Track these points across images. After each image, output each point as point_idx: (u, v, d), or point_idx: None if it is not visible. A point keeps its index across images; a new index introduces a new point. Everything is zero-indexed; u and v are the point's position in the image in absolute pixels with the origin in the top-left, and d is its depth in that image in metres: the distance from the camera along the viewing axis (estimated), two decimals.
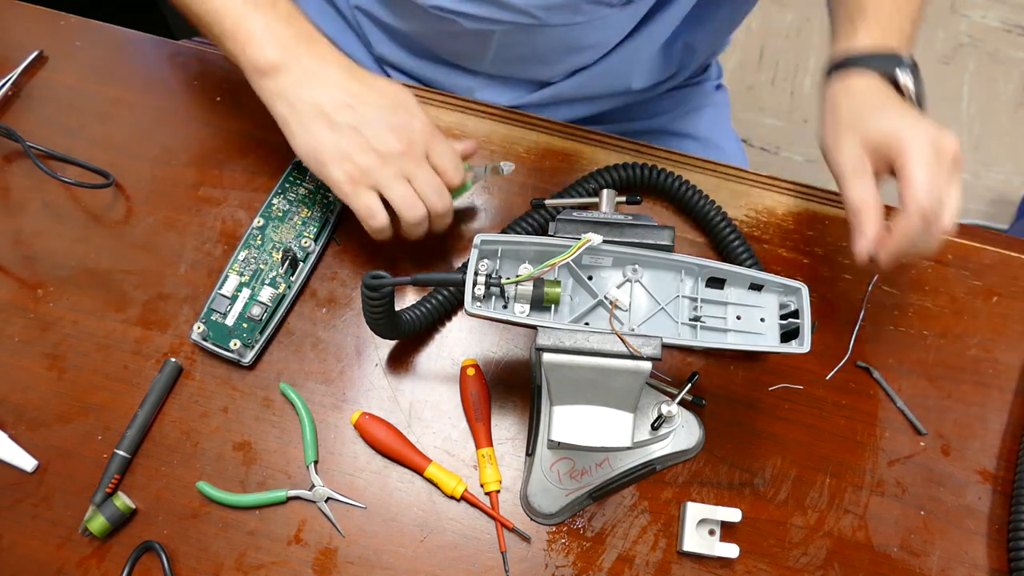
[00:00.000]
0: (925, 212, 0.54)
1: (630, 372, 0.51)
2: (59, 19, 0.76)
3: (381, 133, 0.58)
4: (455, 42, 0.76)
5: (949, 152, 0.55)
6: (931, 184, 0.54)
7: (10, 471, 0.61)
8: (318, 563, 0.59)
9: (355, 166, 0.58)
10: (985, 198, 1.66)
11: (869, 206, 0.56)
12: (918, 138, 0.54)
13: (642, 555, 0.60)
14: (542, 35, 0.72)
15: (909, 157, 0.54)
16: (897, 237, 0.55)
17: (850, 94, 0.59)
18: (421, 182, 0.59)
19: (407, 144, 0.59)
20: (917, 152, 0.54)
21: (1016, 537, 0.59)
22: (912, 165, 0.54)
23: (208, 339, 0.63)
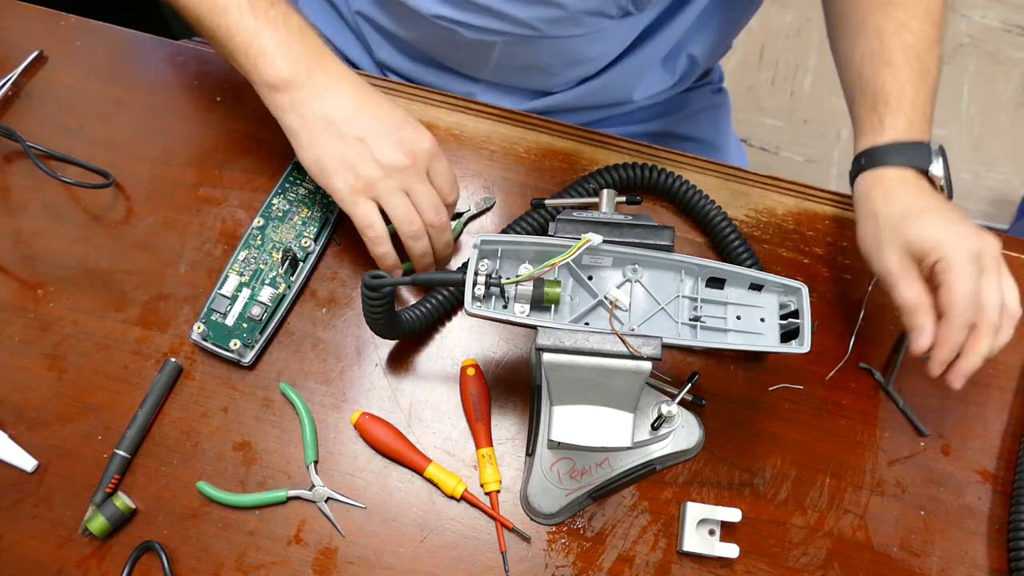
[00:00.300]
0: (967, 321, 0.55)
1: (630, 372, 0.51)
2: (59, 19, 0.76)
3: (386, 146, 0.59)
4: (456, 50, 0.76)
5: (989, 257, 0.56)
6: (970, 295, 0.54)
7: (10, 471, 0.61)
8: (318, 563, 0.59)
9: (357, 176, 0.59)
10: (985, 198, 1.67)
11: (924, 303, 0.56)
12: (958, 251, 0.55)
13: (642, 555, 0.60)
14: (543, 46, 0.72)
15: (950, 269, 0.55)
16: (942, 345, 0.56)
17: (888, 199, 0.59)
18: (420, 196, 0.60)
19: (411, 159, 0.59)
20: (957, 265, 0.55)
21: (1016, 537, 0.59)
22: (953, 278, 0.55)
23: (208, 339, 0.63)
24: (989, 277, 0.56)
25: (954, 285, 0.54)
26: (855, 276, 0.68)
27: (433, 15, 0.70)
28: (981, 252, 0.56)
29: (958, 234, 0.56)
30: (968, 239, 0.56)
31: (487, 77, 0.78)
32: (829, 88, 1.75)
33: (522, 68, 0.76)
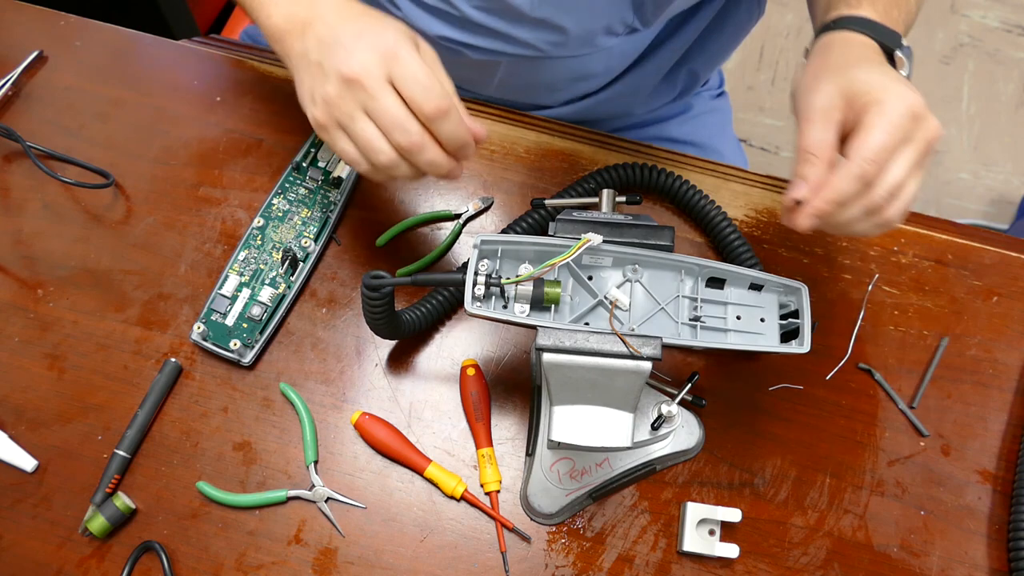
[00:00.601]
0: (866, 173, 0.48)
1: (630, 372, 0.51)
2: (59, 19, 0.76)
3: (338, 59, 0.50)
4: (460, 69, 0.75)
5: (926, 132, 0.49)
6: (885, 147, 0.48)
7: (10, 471, 0.61)
8: (318, 563, 0.59)
9: (320, 104, 0.52)
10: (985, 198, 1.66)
11: (823, 152, 0.49)
12: (900, 100, 0.48)
13: (642, 555, 0.60)
14: (547, 66, 0.72)
15: (877, 111, 0.48)
16: (827, 191, 0.48)
17: (846, 44, 0.54)
18: (380, 114, 0.50)
19: (360, 69, 0.49)
20: (891, 110, 0.48)
21: (1016, 537, 0.59)
22: (876, 119, 0.48)
23: (208, 339, 0.63)
24: (911, 150, 0.49)
25: (873, 129, 0.48)
26: (855, 276, 0.68)
27: (439, 36, 0.70)
28: (921, 120, 0.49)
29: (906, 92, 0.49)
30: (915, 101, 0.49)
31: (490, 94, 0.78)
32: None
33: (525, 86, 0.76)
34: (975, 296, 0.67)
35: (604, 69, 0.75)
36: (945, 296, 0.67)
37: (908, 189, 0.49)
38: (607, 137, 0.72)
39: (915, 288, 0.68)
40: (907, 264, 0.68)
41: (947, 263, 0.68)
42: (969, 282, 0.68)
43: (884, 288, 0.67)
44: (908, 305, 0.67)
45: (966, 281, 0.68)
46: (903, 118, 0.48)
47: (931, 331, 0.66)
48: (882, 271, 0.68)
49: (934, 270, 0.68)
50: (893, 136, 0.48)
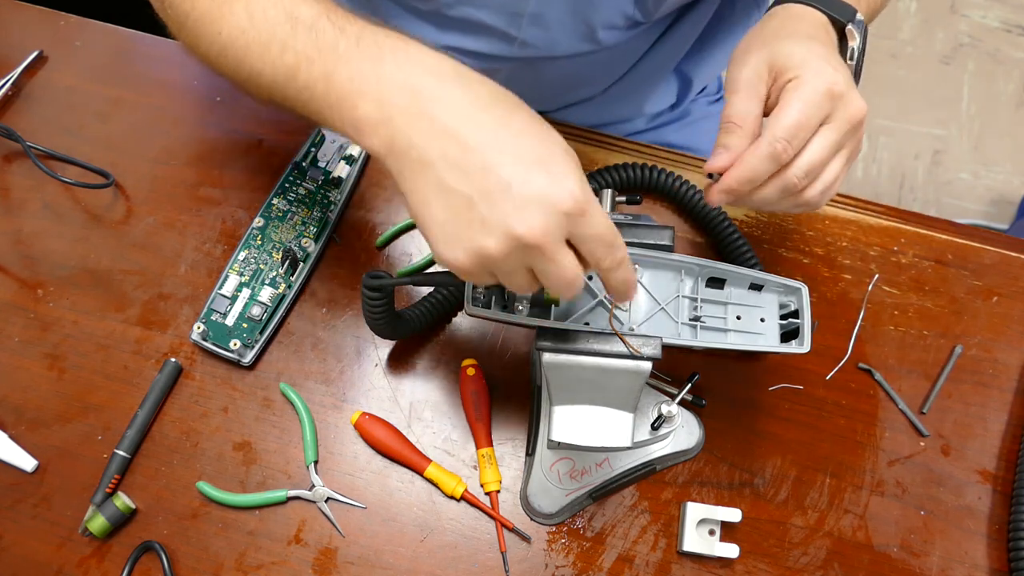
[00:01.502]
0: (776, 152, 0.45)
1: (630, 372, 0.51)
2: (59, 19, 0.76)
3: (507, 213, 0.39)
4: None
5: (847, 112, 0.46)
6: (799, 124, 0.45)
7: (10, 471, 0.61)
8: (318, 563, 0.59)
9: (473, 256, 0.41)
10: (985, 198, 1.66)
11: (747, 122, 0.47)
12: (817, 77, 0.46)
13: (642, 555, 0.60)
14: (547, 70, 0.72)
15: (794, 88, 0.46)
16: (737, 169, 0.46)
17: (788, 16, 0.51)
18: (550, 276, 0.42)
19: (541, 230, 0.40)
20: (807, 88, 0.46)
21: (1016, 537, 0.59)
22: (791, 95, 0.46)
23: (208, 339, 0.63)
24: (831, 130, 0.46)
25: (787, 107, 0.46)
26: (855, 276, 0.68)
27: (441, 46, 0.70)
28: (841, 99, 0.46)
29: (825, 69, 0.46)
30: (834, 79, 0.46)
31: None
32: None
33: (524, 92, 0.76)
34: (975, 296, 0.67)
35: (604, 73, 0.75)
36: (945, 296, 0.67)
37: (829, 170, 0.48)
38: (607, 137, 0.72)
39: (915, 288, 0.67)
40: (907, 264, 0.68)
41: (947, 263, 0.68)
42: (969, 282, 0.68)
43: (884, 288, 0.67)
44: (908, 305, 0.67)
45: (966, 281, 0.68)
46: (819, 95, 0.46)
47: (931, 331, 0.66)
48: (882, 271, 0.68)
49: (934, 270, 0.68)
50: (808, 115, 0.46)
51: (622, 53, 0.73)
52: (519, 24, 0.66)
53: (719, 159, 0.48)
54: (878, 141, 1.70)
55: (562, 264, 0.41)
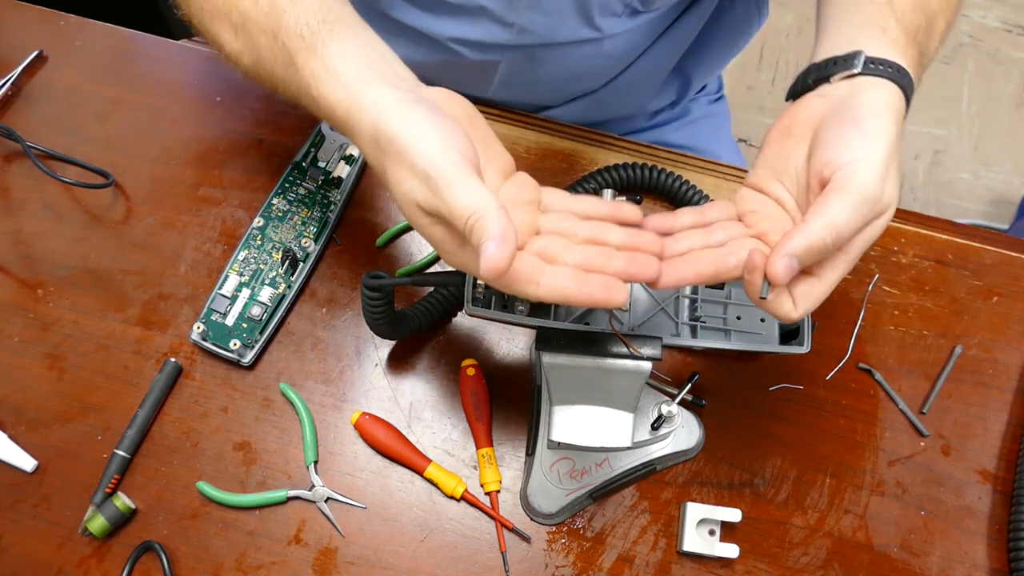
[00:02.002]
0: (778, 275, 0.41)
1: (630, 372, 0.51)
2: (59, 19, 0.76)
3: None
4: (459, 72, 0.75)
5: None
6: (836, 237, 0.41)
7: (10, 471, 0.61)
8: (318, 563, 0.59)
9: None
10: (985, 198, 1.67)
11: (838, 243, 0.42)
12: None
13: (642, 555, 0.60)
14: (547, 61, 0.72)
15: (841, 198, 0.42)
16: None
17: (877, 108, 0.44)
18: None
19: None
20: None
21: (1016, 537, 0.59)
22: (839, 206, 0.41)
23: (208, 339, 0.63)
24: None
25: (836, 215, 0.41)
26: (855, 276, 0.68)
27: (438, 35, 0.70)
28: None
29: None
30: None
31: (490, 96, 0.78)
32: None
33: (524, 86, 0.76)
34: (975, 296, 0.67)
35: (603, 67, 0.75)
36: (945, 296, 0.67)
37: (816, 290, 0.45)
38: (607, 137, 0.72)
39: (915, 288, 0.68)
40: (907, 264, 0.68)
41: (947, 263, 0.68)
42: (969, 282, 0.68)
43: (884, 288, 0.67)
44: (908, 305, 0.67)
45: (966, 281, 0.68)
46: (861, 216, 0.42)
47: (931, 331, 0.66)
48: (882, 271, 0.68)
49: (934, 270, 0.68)
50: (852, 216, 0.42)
51: (622, 47, 0.73)
52: (517, 8, 0.66)
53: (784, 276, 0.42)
54: None
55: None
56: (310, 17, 0.48)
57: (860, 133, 0.43)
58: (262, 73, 0.52)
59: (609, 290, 0.41)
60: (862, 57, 0.46)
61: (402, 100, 0.44)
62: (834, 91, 0.47)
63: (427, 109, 0.44)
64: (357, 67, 0.46)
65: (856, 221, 0.42)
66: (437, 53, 0.72)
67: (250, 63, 0.52)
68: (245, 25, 0.50)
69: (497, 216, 0.39)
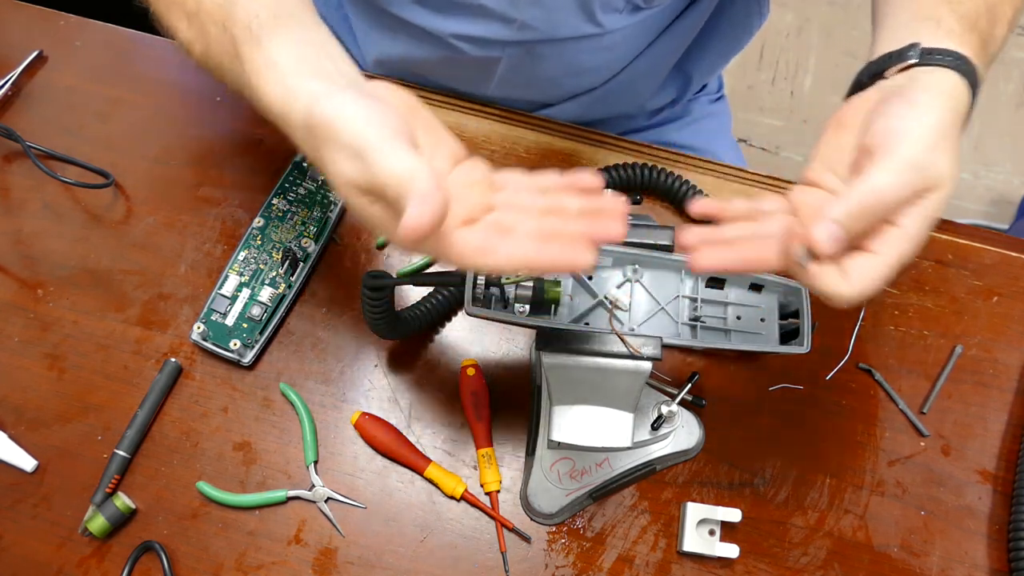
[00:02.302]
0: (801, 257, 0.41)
1: (630, 372, 0.51)
2: (59, 19, 0.76)
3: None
4: (459, 69, 0.75)
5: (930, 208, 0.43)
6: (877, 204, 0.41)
7: (10, 471, 0.61)
8: (318, 563, 0.59)
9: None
10: (985, 198, 1.67)
11: (878, 208, 0.41)
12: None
13: (642, 555, 0.60)
14: (547, 58, 0.72)
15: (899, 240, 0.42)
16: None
17: (948, 101, 0.43)
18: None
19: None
20: (904, 251, 0.42)
21: (1016, 537, 0.59)
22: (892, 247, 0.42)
23: (208, 339, 0.63)
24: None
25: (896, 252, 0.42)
26: None
27: (439, 31, 0.70)
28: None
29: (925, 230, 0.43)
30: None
31: (490, 93, 0.78)
32: (829, 88, 1.75)
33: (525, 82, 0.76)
34: (975, 296, 0.67)
35: (604, 64, 0.75)
36: (945, 296, 0.67)
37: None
38: (607, 137, 0.72)
39: (915, 288, 0.67)
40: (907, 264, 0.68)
41: (947, 263, 0.68)
42: (969, 282, 0.68)
43: (884, 288, 0.67)
44: (908, 305, 0.67)
45: (966, 281, 0.68)
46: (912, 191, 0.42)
47: (931, 331, 0.66)
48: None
49: (934, 270, 0.68)
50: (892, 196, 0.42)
51: (623, 44, 0.73)
52: (518, 4, 0.66)
53: (828, 247, 0.41)
54: None
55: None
56: (261, 11, 0.47)
57: (909, 104, 0.43)
58: (211, 63, 0.52)
59: (573, 252, 0.39)
60: (918, 48, 0.45)
61: (334, 88, 0.44)
62: (889, 83, 0.46)
63: (357, 93, 0.43)
64: (296, 62, 0.46)
65: (901, 187, 0.41)
66: (438, 49, 0.72)
67: (200, 52, 0.52)
68: (198, 14, 0.51)
69: (424, 178, 0.38)
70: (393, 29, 0.73)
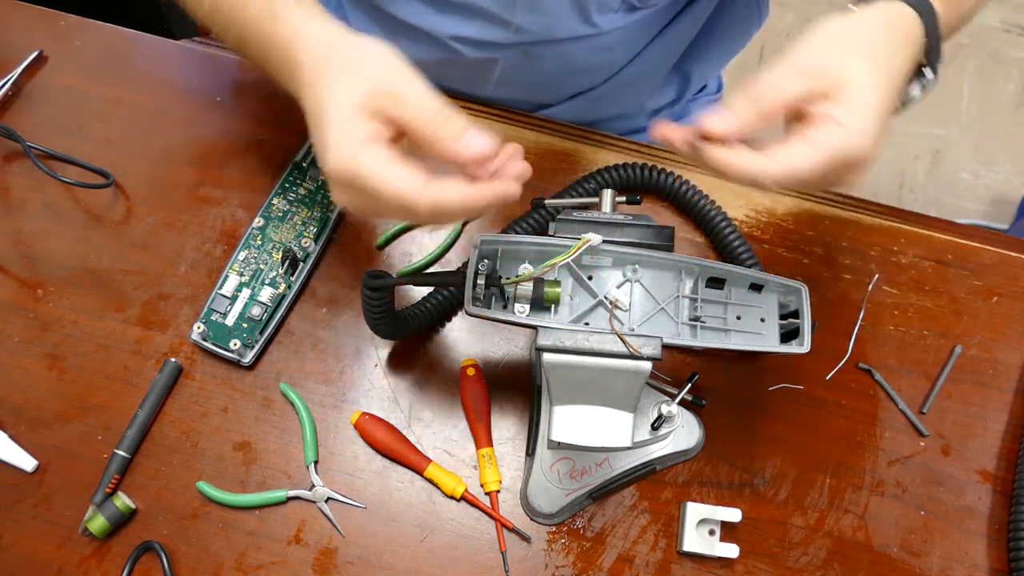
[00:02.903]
0: (765, 183, 0.46)
1: (630, 372, 0.51)
2: (59, 19, 0.76)
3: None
4: (456, 71, 0.75)
5: (849, 178, 0.47)
6: (802, 178, 0.46)
7: (10, 471, 0.61)
8: (318, 563, 0.59)
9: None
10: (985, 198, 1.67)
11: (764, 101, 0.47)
12: (852, 142, 0.45)
13: (642, 555, 0.60)
14: (545, 58, 0.72)
15: (826, 138, 0.45)
16: (735, 163, 0.47)
17: (894, 28, 0.48)
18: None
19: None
20: (836, 149, 0.45)
21: (1016, 537, 0.59)
22: (824, 140, 0.45)
23: (208, 339, 0.63)
24: (823, 182, 0.47)
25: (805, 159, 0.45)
26: (855, 276, 0.68)
27: (438, 32, 0.70)
28: (854, 168, 0.46)
29: (869, 140, 0.45)
30: (867, 150, 0.46)
31: (488, 94, 0.78)
32: None
33: (523, 83, 0.76)
34: (975, 296, 0.67)
35: (603, 63, 0.75)
36: (945, 296, 0.67)
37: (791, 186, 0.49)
38: (607, 137, 0.72)
39: (915, 288, 0.68)
40: (907, 264, 0.68)
41: (947, 263, 0.68)
42: (969, 282, 0.68)
43: (884, 288, 0.67)
44: (908, 305, 0.67)
45: (966, 281, 0.68)
46: (840, 161, 0.46)
47: (931, 331, 0.66)
48: (882, 271, 0.68)
49: (934, 270, 0.68)
50: (817, 177, 0.46)
51: (620, 44, 0.73)
52: (512, 9, 0.66)
53: (717, 123, 0.47)
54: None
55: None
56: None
57: (831, 18, 0.47)
58: (218, 14, 0.55)
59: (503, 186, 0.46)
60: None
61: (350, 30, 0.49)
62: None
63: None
64: (308, 12, 0.50)
65: (787, 81, 0.47)
66: (436, 51, 0.72)
67: (210, 6, 0.55)
68: None
69: (459, 118, 0.46)
70: (392, 30, 0.73)
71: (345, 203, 0.48)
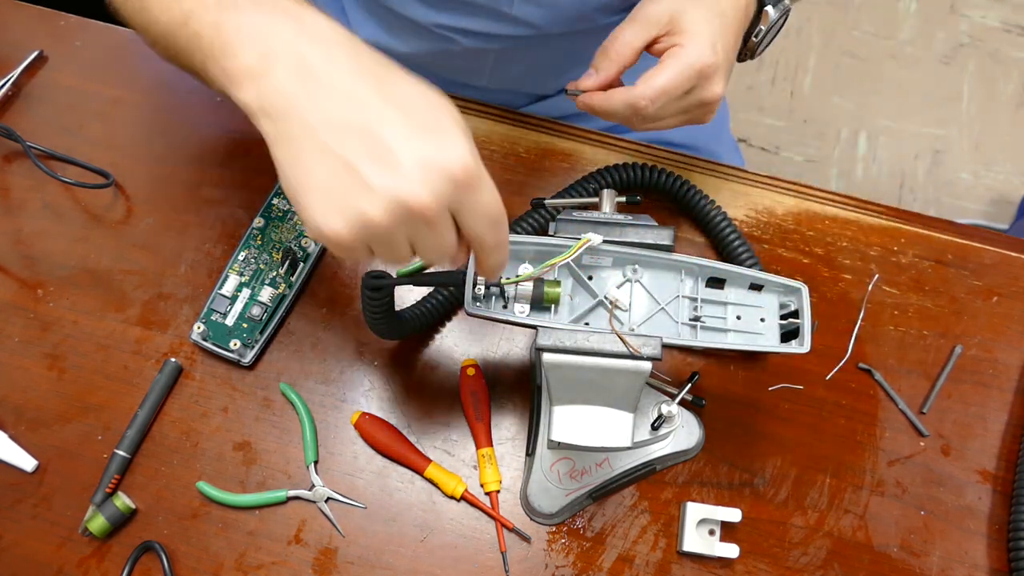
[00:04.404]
0: (639, 105, 0.54)
1: (630, 372, 0.51)
2: (59, 19, 0.76)
3: (394, 175, 0.38)
4: (451, 60, 0.75)
5: (704, 93, 0.55)
6: (665, 91, 0.53)
7: (10, 471, 0.61)
8: (318, 563, 0.59)
9: (355, 225, 0.39)
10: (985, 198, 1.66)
11: (623, 55, 0.56)
12: (697, 54, 0.54)
13: (642, 555, 0.60)
14: (541, 49, 0.72)
15: (675, 56, 0.54)
16: (607, 100, 0.55)
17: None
18: (429, 248, 0.41)
19: (429, 197, 0.38)
20: (685, 61, 0.53)
21: (1016, 537, 0.59)
22: (670, 62, 0.54)
23: (208, 339, 0.63)
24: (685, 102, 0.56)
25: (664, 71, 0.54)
26: (855, 276, 0.68)
27: (434, 24, 0.70)
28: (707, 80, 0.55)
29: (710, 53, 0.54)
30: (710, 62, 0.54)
31: (483, 84, 0.78)
32: (829, 88, 1.75)
33: (519, 73, 0.76)
34: (975, 296, 0.67)
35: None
36: (945, 296, 0.67)
37: (665, 124, 0.57)
38: (607, 137, 0.72)
39: (915, 288, 0.68)
40: (907, 264, 0.68)
41: (947, 263, 0.68)
42: (969, 282, 0.68)
43: (884, 288, 0.67)
44: (908, 305, 0.67)
45: (966, 281, 0.68)
46: (692, 71, 0.54)
47: (931, 331, 0.66)
48: (882, 271, 0.68)
49: (934, 270, 0.68)
50: (675, 85, 0.54)
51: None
52: (510, 1, 0.66)
53: (587, 81, 0.56)
54: (878, 141, 1.70)
55: (443, 236, 0.40)
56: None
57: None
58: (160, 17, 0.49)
59: None
60: None
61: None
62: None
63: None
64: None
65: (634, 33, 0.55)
66: (432, 42, 0.72)
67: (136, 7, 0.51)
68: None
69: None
70: (387, 23, 0.73)
71: (391, 239, 0.40)
